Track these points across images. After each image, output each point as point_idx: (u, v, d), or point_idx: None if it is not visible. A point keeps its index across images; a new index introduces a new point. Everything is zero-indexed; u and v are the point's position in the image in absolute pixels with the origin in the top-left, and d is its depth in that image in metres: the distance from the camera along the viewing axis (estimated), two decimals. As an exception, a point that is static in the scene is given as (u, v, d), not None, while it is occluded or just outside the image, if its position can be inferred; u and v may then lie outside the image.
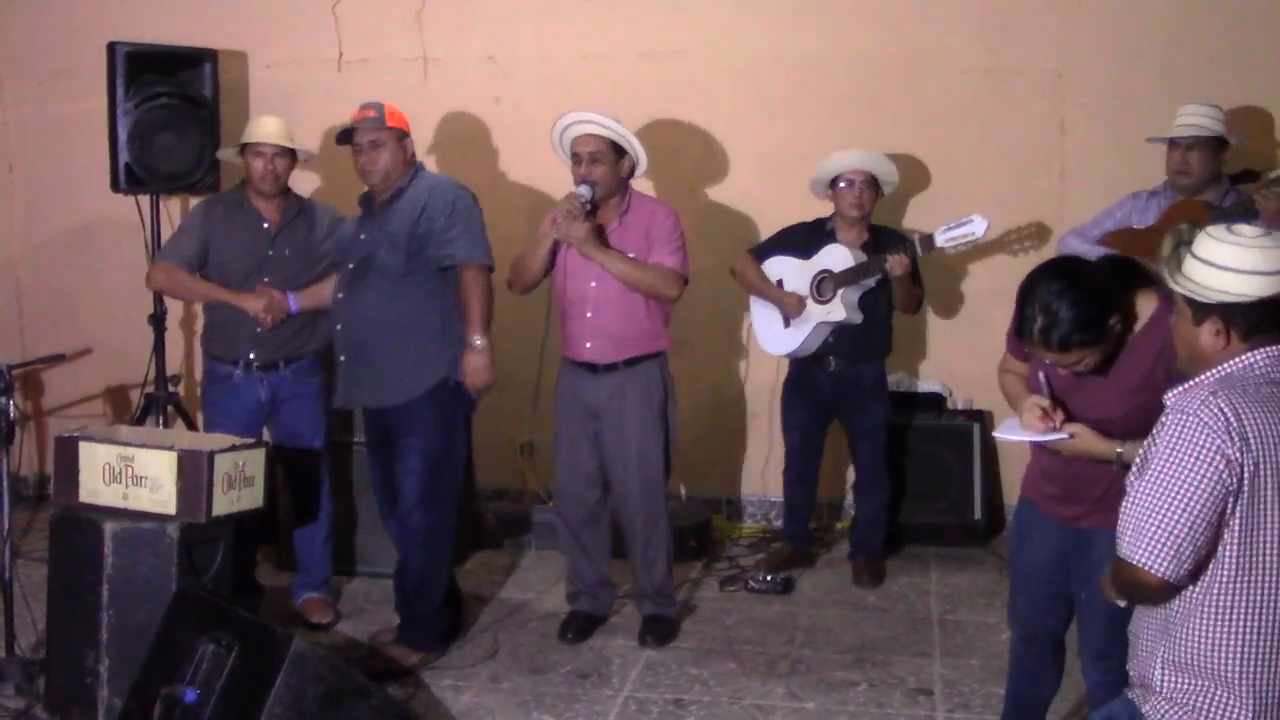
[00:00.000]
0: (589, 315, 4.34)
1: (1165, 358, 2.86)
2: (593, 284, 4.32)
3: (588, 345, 4.36)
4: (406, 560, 4.30)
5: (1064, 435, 2.92)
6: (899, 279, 4.86)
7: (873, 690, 4.09)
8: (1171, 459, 2.31)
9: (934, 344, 5.69)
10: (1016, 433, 3.01)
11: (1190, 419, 2.30)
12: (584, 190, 4.28)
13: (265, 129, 4.55)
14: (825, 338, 5.03)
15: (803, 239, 5.08)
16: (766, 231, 5.39)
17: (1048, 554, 3.16)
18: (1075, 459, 2.96)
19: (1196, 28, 5.33)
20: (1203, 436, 2.28)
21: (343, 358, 4.32)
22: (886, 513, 5.26)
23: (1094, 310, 2.79)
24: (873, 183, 5.00)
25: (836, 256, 4.96)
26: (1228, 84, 5.11)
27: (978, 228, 4.78)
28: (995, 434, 3.19)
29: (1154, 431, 2.39)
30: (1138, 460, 2.41)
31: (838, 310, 4.94)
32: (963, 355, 5.52)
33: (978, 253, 5.47)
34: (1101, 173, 5.27)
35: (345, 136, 4.25)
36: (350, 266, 4.28)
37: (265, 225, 4.58)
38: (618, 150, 4.32)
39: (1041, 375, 3.02)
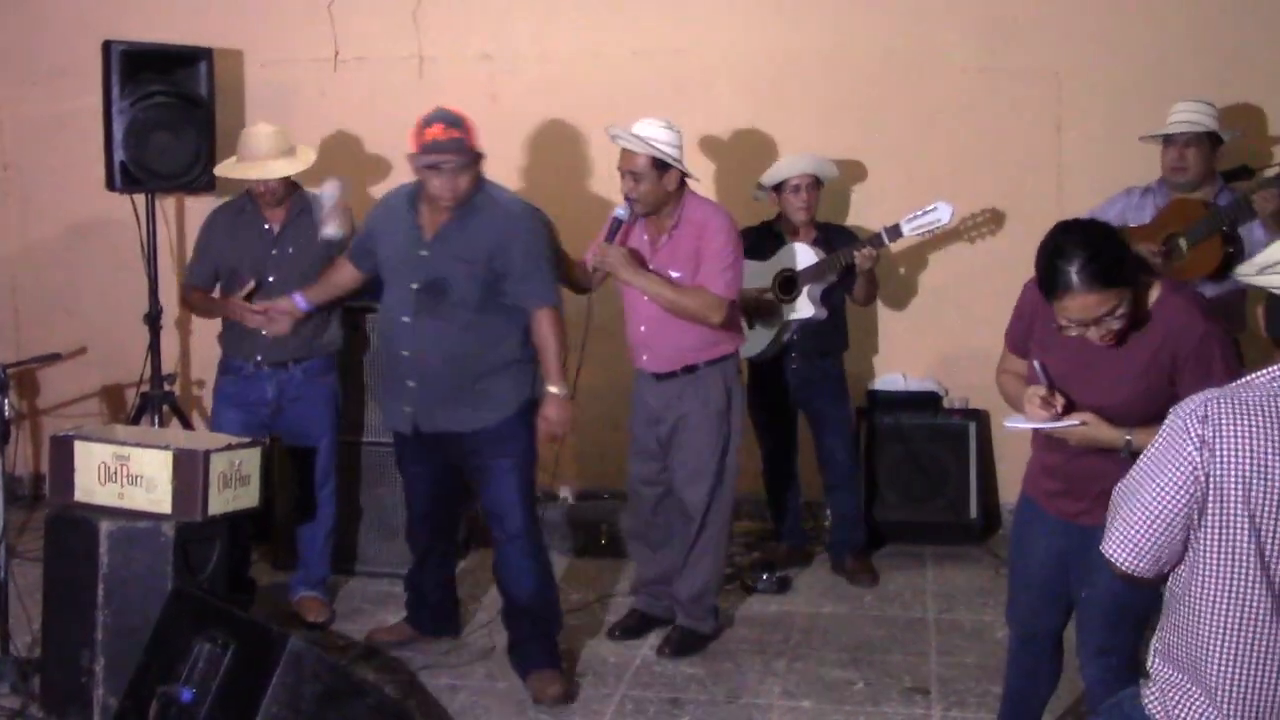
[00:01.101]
0: (642, 329, 4.35)
1: (1170, 344, 2.86)
2: (645, 298, 4.28)
3: (644, 358, 4.38)
4: (521, 586, 4.11)
5: (1075, 422, 2.91)
6: (866, 272, 4.91)
7: (869, 689, 4.09)
8: (1149, 458, 2.32)
9: (932, 342, 5.68)
10: (1028, 422, 3.00)
11: (1176, 422, 2.29)
12: (620, 212, 4.23)
13: (259, 152, 4.52)
14: (790, 335, 5.05)
15: (752, 243, 5.06)
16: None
17: (1048, 552, 3.15)
18: (1083, 450, 2.96)
19: (1194, 27, 5.33)
20: (1177, 441, 2.27)
21: (411, 383, 4.07)
22: (862, 507, 5.31)
23: (1122, 253, 2.78)
24: (816, 183, 5.05)
25: (798, 255, 4.99)
26: (1224, 83, 5.12)
27: (943, 214, 4.84)
28: (1006, 423, 3.11)
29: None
30: None
31: (805, 307, 4.97)
32: (960, 353, 5.51)
33: (980, 249, 5.47)
34: (1098, 172, 5.26)
35: (426, 148, 3.87)
36: (415, 287, 4.00)
37: (267, 226, 4.61)
38: (660, 164, 4.19)
39: (1038, 364, 3.02)
